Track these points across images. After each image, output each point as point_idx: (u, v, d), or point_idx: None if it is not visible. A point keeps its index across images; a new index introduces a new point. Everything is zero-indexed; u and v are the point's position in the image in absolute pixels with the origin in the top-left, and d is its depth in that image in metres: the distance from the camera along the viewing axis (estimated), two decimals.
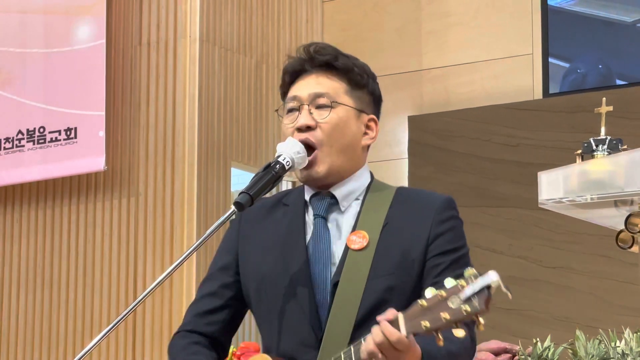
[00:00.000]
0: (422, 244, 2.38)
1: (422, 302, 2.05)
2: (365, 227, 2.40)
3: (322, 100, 2.44)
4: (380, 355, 2.10)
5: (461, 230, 2.47)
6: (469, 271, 2.02)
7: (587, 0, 7.39)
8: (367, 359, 2.13)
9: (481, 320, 2.03)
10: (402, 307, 2.24)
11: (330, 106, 2.44)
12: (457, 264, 2.37)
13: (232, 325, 2.54)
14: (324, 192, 2.47)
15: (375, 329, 2.08)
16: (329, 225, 2.45)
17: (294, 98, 2.48)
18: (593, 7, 7.37)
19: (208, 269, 2.59)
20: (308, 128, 2.42)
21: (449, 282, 2.02)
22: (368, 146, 2.53)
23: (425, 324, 2.02)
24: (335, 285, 2.35)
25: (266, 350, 2.44)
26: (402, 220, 2.42)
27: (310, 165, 2.41)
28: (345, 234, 2.42)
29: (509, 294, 2.09)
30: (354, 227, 2.41)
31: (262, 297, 2.45)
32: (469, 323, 2.07)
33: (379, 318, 2.10)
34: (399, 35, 7.75)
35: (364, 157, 2.52)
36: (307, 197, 2.49)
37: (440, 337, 2.05)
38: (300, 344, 2.36)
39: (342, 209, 2.46)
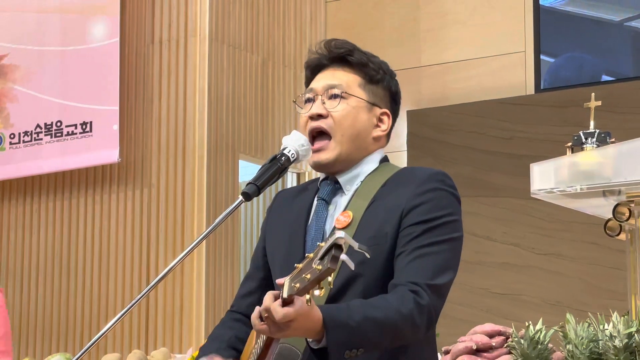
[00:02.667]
0: (396, 217, 2.35)
1: (298, 265, 2.04)
2: (354, 207, 2.40)
3: (334, 91, 2.45)
4: (266, 327, 2.10)
5: (444, 202, 2.40)
6: (332, 233, 2.04)
7: (577, 0, 7.38)
8: (260, 330, 2.14)
9: (330, 278, 1.99)
10: (375, 280, 2.30)
11: (342, 96, 2.45)
12: (431, 233, 2.33)
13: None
14: (330, 178, 2.48)
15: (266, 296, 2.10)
16: (330, 207, 2.46)
17: (311, 90, 2.50)
18: (583, 7, 7.37)
19: (253, 255, 2.65)
20: (320, 116, 2.43)
21: (320, 244, 2.00)
22: (382, 137, 2.52)
23: (296, 285, 2.01)
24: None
25: None
26: (387, 197, 2.40)
27: (319, 151, 2.42)
28: (337, 213, 2.43)
29: (367, 254, 2.04)
30: (346, 207, 2.42)
31: (275, 273, 2.48)
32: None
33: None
34: (399, 33, 7.75)
35: (375, 147, 2.52)
36: (321, 183, 2.51)
37: (308, 296, 2.02)
38: None
39: (346, 192, 2.46)
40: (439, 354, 4.70)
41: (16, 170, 7.51)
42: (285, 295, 2.04)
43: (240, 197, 2.36)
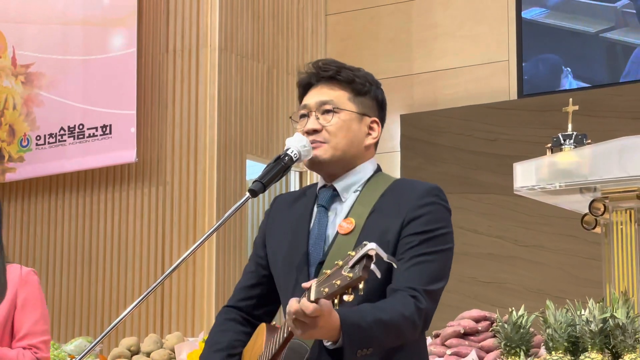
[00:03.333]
0: (397, 226, 2.34)
1: (326, 271, 2.05)
2: (355, 214, 2.38)
3: (327, 107, 2.43)
4: (294, 326, 2.10)
5: (440, 215, 2.40)
6: (364, 244, 2.00)
7: (556, 14, 7.37)
8: (291, 328, 2.14)
9: (360, 286, 2.00)
10: (377, 284, 2.26)
11: (334, 111, 2.43)
12: (428, 243, 2.33)
13: (267, 300, 2.53)
14: (328, 185, 2.46)
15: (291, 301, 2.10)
16: (329, 213, 2.43)
17: (304, 107, 2.46)
18: (561, 19, 7.35)
19: (251, 254, 2.60)
20: (315, 131, 2.41)
21: (350, 253, 2.01)
22: (373, 145, 2.51)
23: (325, 289, 2.02)
24: (321, 264, 2.35)
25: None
26: (388, 206, 2.39)
27: (315, 157, 2.40)
28: (339, 220, 2.41)
29: (395, 264, 2.08)
30: (347, 214, 2.40)
31: (277, 274, 2.46)
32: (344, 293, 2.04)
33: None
34: (393, 44, 7.74)
35: (369, 154, 2.50)
36: (319, 190, 2.49)
37: (336, 300, 2.04)
38: None
39: (343, 199, 2.44)
40: (429, 337, 4.71)
41: (42, 169, 7.50)
42: (312, 298, 2.04)
43: (248, 194, 2.35)
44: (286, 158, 2.37)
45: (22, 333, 3.04)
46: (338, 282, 2.01)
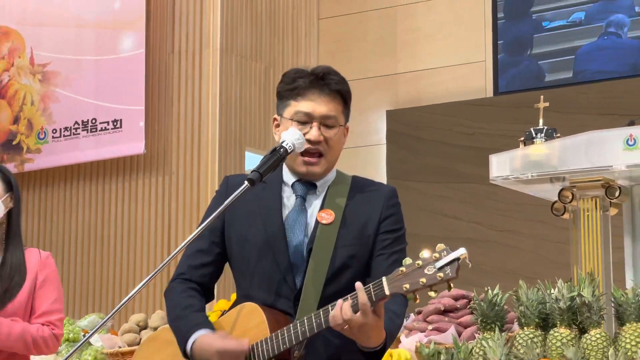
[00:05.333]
0: (375, 222, 2.39)
1: (402, 269, 2.07)
2: (331, 206, 2.41)
3: (330, 122, 2.42)
4: (355, 320, 2.11)
5: (401, 215, 2.48)
6: (440, 246, 2.04)
7: (529, 19, 7.38)
8: (339, 321, 2.13)
9: (452, 285, 2.05)
10: (360, 272, 2.33)
11: (334, 125, 2.43)
12: (398, 240, 2.42)
13: (217, 275, 2.53)
14: (304, 180, 2.46)
15: (359, 292, 2.10)
16: (307, 204, 2.44)
17: (308, 115, 2.42)
18: (534, 24, 7.37)
19: (198, 226, 2.46)
20: (317, 142, 2.40)
21: (424, 254, 2.04)
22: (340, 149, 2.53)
23: (406, 286, 2.04)
24: (310, 250, 2.36)
25: (243, 299, 2.43)
26: (359, 203, 2.42)
27: (312, 165, 2.41)
28: (316, 211, 2.42)
29: (469, 264, 2.09)
30: (321, 206, 2.42)
31: (244, 256, 2.44)
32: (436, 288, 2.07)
33: (357, 284, 2.13)
34: (380, 45, 7.74)
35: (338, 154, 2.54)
36: (287, 180, 2.47)
37: (417, 296, 2.07)
38: (278, 295, 2.36)
39: (317, 193, 2.46)
40: (412, 314, 4.73)
41: (58, 160, 7.51)
42: (387, 292, 2.07)
43: (246, 183, 2.33)
44: (281, 150, 2.36)
45: (40, 311, 3.04)
46: (424, 280, 2.06)
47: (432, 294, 2.06)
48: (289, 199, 2.46)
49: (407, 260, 2.09)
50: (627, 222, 4.73)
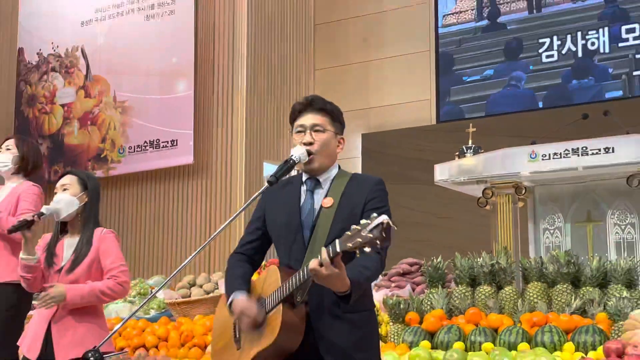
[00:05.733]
0: (362, 203, 2.34)
1: (348, 232, 2.02)
2: (332, 195, 2.39)
3: (318, 128, 2.41)
4: (316, 274, 2.08)
5: (384, 197, 2.41)
6: (374, 216, 1.99)
7: (463, 69, 7.40)
8: (312, 273, 2.10)
9: (378, 242, 1.97)
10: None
11: (322, 131, 2.42)
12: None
13: (262, 250, 2.51)
14: (312, 177, 2.44)
15: (322, 252, 2.07)
16: (315, 195, 2.42)
17: (302, 126, 2.42)
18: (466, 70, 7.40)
19: (252, 218, 2.54)
20: (310, 143, 2.40)
21: (362, 222, 1.99)
22: (338, 154, 2.50)
23: (349, 244, 2.00)
24: (314, 226, 2.35)
25: (279, 263, 2.43)
26: (353, 191, 2.39)
27: (310, 162, 2.39)
28: (321, 199, 2.40)
29: (395, 227, 2.01)
30: (325, 195, 2.40)
31: (275, 233, 2.44)
32: (378, 249, 2.00)
33: (323, 248, 2.08)
34: (358, 87, 7.69)
35: (336, 159, 2.49)
36: (303, 179, 2.45)
37: (358, 252, 2.01)
38: (293, 259, 2.34)
39: (322, 187, 2.43)
40: (380, 276, 4.72)
41: (132, 168, 7.47)
42: (338, 249, 2.03)
43: (266, 184, 2.35)
44: (291, 161, 2.36)
45: (105, 269, 2.97)
46: (360, 240, 1.99)
47: (367, 249, 1.99)
48: (305, 193, 2.44)
49: (353, 227, 2.03)
50: (530, 212, 4.77)
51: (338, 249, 2.03)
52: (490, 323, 3.58)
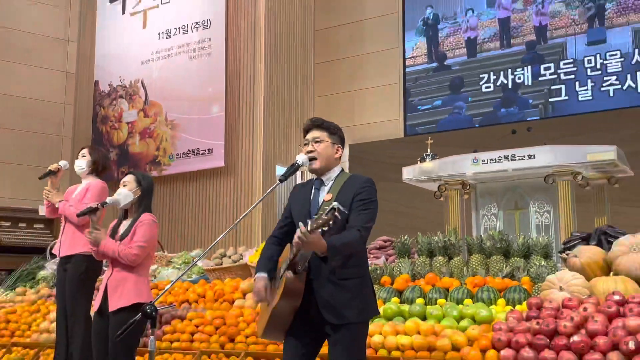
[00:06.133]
0: (351, 197, 2.31)
1: (316, 216, 2.07)
2: (332, 191, 2.36)
3: (317, 139, 2.40)
4: (300, 242, 2.09)
5: (371, 192, 2.34)
6: (331, 204, 2.04)
7: (425, 91, 7.40)
8: (298, 245, 2.12)
9: (331, 221, 2.02)
10: (342, 224, 2.23)
11: (320, 142, 2.40)
12: (365, 205, 2.29)
13: (290, 232, 2.43)
14: (318, 178, 2.42)
15: (301, 228, 2.08)
16: (320, 192, 2.39)
17: (306, 139, 2.42)
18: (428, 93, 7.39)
19: (282, 213, 2.51)
20: (311, 151, 2.39)
21: (325, 208, 2.05)
22: (339, 158, 2.46)
23: (314, 225, 2.04)
24: (316, 214, 2.32)
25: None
26: (347, 188, 2.35)
27: (311, 165, 2.38)
28: (324, 195, 2.37)
29: (336, 205, 2.05)
30: (327, 192, 2.37)
31: (295, 220, 2.40)
32: (330, 224, 2.04)
33: (301, 225, 2.09)
34: (346, 110, 7.69)
35: (337, 163, 2.45)
36: (314, 181, 2.43)
37: (324, 229, 2.05)
38: None
39: (326, 185, 2.40)
40: (361, 246, 4.70)
41: (178, 170, 7.40)
42: (308, 228, 2.05)
43: (278, 182, 2.33)
44: (296, 164, 2.36)
45: (130, 242, 2.95)
46: (320, 221, 2.03)
47: (325, 228, 2.04)
48: (314, 191, 2.42)
49: (319, 212, 2.08)
50: (473, 202, 4.76)
51: (309, 227, 2.05)
52: (443, 284, 3.58)
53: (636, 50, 6.30)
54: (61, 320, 3.55)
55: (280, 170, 7.11)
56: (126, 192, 2.99)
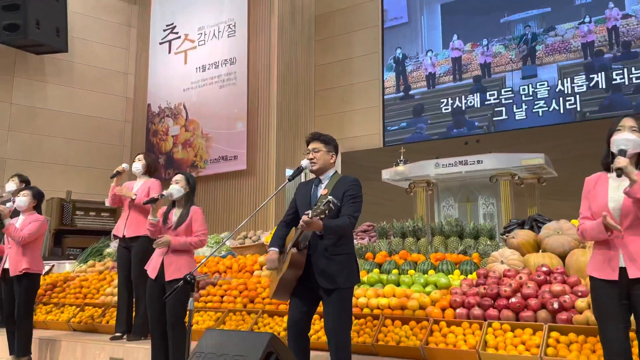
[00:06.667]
0: (342, 193, 2.29)
1: (315, 206, 2.05)
2: (327, 187, 2.34)
3: (315, 149, 2.38)
4: (305, 225, 2.09)
5: (356, 189, 2.30)
6: (328, 197, 2.03)
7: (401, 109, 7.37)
8: (302, 227, 2.11)
9: (326, 211, 2.00)
10: (336, 214, 2.22)
11: (318, 151, 2.39)
12: (352, 200, 2.27)
13: (296, 218, 2.41)
14: (317, 178, 2.40)
15: (304, 217, 2.08)
16: (318, 188, 2.38)
17: (308, 149, 2.41)
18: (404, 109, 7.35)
19: (289, 204, 2.44)
20: (311, 158, 2.37)
21: (322, 200, 2.03)
22: (333, 163, 2.43)
23: (314, 212, 2.03)
24: (315, 204, 2.30)
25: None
26: (339, 185, 2.34)
27: (312, 168, 2.37)
28: (321, 190, 2.36)
29: (331, 198, 2.04)
30: (324, 188, 2.36)
31: (299, 209, 2.39)
32: (326, 212, 2.02)
33: (304, 215, 2.09)
34: (338, 127, 7.65)
35: (331, 167, 2.42)
36: (314, 180, 2.42)
37: (322, 216, 2.04)
38: None
39: (323, 183, 2.39)
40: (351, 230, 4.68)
41: (211, 172, 7.33)
42: (310, 216, 2.05)
43: (287, 181, 2.32)
44: (301, 167, 2.35)
45: (194, 232, 2.92)
46: (318, 210, 2.04)
47: (323, 216, 2.03)
48: (314, 187, 2.40)
49: (318, 203, 2.06)
50: (435, 196, 4.73)
51: (310, 215, 2.06)
52: (413, 259, 3.57)
53: (559, 82, 6.30)
54: (122, 287, 3.58)
55: (289, 172, 7.09)
56: (178, 187, 2.99)
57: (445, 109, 6.96)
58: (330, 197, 2.05)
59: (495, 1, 6.75)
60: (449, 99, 6.93)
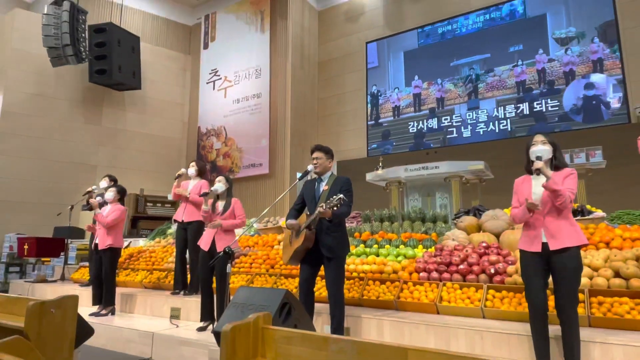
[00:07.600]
0: (339, 189, 2.28)
1: (329, 200, 2.04)
2: (327, 185, 2.32)
3: (317, 157, 2.36)
4: (322, 212, 2.07)
5: (349, 186, 2.29)
6: (338, 194, 2.02)
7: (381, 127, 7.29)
8: (318, 214, 2.10)
9: (337, 205, 1.98)
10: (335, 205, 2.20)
11: (320, 158, 2.36)
12: (346, 195, 2.27)
13: (302, 207, 2.40)
14: (319, 177, 2.38)
15: (319, 208, 2.08)
16: (320, 185, 2.35)
17: (312, 157, 2.37)
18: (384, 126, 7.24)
19: (298, 196, 2.45)
20: (315, 165, 2.34)
21: (334, 196, 2.01)
22: (331, 166, 2.41)
23: (328, 206, 2.02)
24: (318, 199, 2.29)
25: (307, 212, 2.37)
26: (336, 183, 2.32)
27: (316, 170, 2.35)
28: (323, 187, 2.33)
29: (342, 196, 2.02)
30: (325, 184, 2.33)
31: (306, 201, 2.37)
32: (345, 205, 1.99)
33: (320, 205, 2.08)
34: (334, 142, 7.57)
35: (330, 169, 2.41)
36: (317, 179, 2.39)
37: (335, 208, 2.01)
38: (311, 211, 2.29)
39: (323, 181, 2.36)
40: (348, 215, 4.56)
41: (243, 175, 7.29)
42: (323, 208, 2.05)
43: (297, 180, 2.32)
44: (307, 171, 2.35)
45: (237, 216, 2.92)
46: (331, 204, 2.04)
47: (335, 209, 2.01)
48: (317, 184, 2.37)
49: (330, 198, 2.04)
50: (405, 192, 4.68)
51: (324, 208, 2.05)
52: (389, 237, 3.55)
53: (494, 110, 6.28)
54: (178, 260, 3.62)
55: (299, 174, 7.00)
56: (221, 185, 3.01)
57: (412, 130, 6.88)
58: (341, 195, 2.04)
59: (447, 49, 6.68)
60: (414, 121, 6.88)
